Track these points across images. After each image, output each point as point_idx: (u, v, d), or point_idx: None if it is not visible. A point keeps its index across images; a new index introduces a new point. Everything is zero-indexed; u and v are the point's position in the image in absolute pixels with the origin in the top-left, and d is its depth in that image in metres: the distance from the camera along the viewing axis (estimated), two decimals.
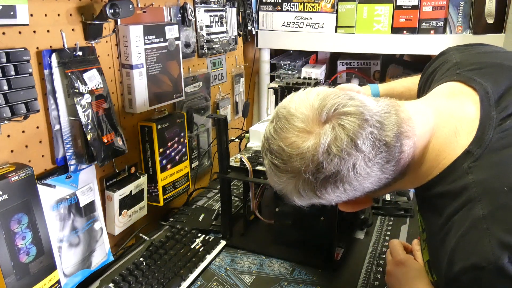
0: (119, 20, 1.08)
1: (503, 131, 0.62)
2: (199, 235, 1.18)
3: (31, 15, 0.86)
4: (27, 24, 0.83)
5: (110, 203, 1.10)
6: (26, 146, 0.88)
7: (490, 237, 0.55)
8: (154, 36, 1.15)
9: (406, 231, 1.24)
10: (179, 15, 1.33)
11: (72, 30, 0.96)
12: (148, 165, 1.24)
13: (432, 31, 1.65)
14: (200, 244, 1.14)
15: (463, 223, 0.58)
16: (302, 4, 1.80)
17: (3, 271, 0.78)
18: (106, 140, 1.01)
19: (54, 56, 0.90)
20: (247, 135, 1.27)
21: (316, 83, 1.20)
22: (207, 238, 1.17)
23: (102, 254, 1.07)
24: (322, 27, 1.79)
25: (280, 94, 1.20)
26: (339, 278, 1.04)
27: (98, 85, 0.99)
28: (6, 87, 0.78)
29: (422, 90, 0.89)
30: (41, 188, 0.87)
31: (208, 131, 1.55)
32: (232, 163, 1.13)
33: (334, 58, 2.04)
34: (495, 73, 0.71)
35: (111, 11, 0.95)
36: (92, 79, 0.97)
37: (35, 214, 0.84)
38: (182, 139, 1.32)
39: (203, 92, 1.50)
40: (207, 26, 1.50)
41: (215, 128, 1.11)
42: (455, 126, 0.65)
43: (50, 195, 0.92)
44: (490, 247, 0.54)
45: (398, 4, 1.68)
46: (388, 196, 1.42)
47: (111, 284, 0.98)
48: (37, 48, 0.88)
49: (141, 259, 1.06)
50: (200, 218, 1.32)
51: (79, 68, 0.95)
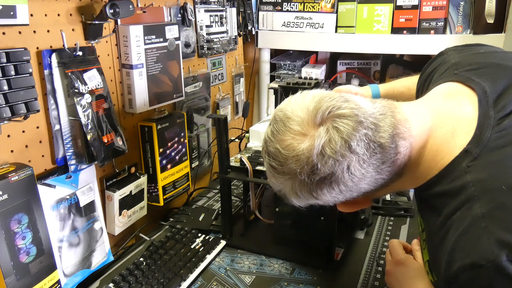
0: (119, 20, 1.08)
1: (501, 130, 0.63)
2: (199, 235, 1.18)
3: (31, 15, 0.86)
4: (27, 24, 0.83)
5: (110, 203, 1.10)
6: (26, 146, 0.88)
7: (489, 235, 0.55)
8: (154, 36, 1.15)
9: (406, 231, 1.24)
10: (179, 15, 1.33)
11: (72, 30, 0.96)
12: (148, 165, 1.24)
13: (432, 31, 1.65)
14: (200, 244, 1.14)
15: (462, 222, 0.59)
16: (302, 4, 1.80)
17: (3, 271, 0.78)
18: (106, 140, 1.01)
19: (54, 56, 0.90)
20: (247, 135, 1.27)
21: (317, 83, 1.20)
22: (207, 238, 1.17)
23: (102, 254, 1.07)
24: (322, 27, 1.79)
25: (280, 94, 1.20)
26: (339, 278, 1.04)
27: (98, 85, 0.99)
28: (6, 87, 0.78)
29: (421, 91, 0.89)
30: (41, 188, 0.87)
31: (208, 131, 1.55)
32: (232, 163, 1.13)
33: (334, 58, 2.04)
34: (493, 73, 0.71)
35: (111, 11, 0.95)
36: (92, 79, 0.97)
37: (35, 214, 0.84)
38: (182, 139, 1.32)
39: (203, 92, 1.50)
40: (207, 26, 1.50)
41: (215, 128, 1.11)
42: (453, 126, 0.66)
43: (50, 195, 0.92)
44: (489, 246, 0.54)
45: (398, 4, 1.68)
46: (388, 196, 1.42)
47: (111, 284, 0.98)
48: (37, 48, 0.88)
49: (141, 259, 1.06)
50: (200, 218, 1.32)
51: (79, 68, 0.95)
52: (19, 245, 0.81)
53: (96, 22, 0.99)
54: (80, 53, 0.96)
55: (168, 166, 1.28)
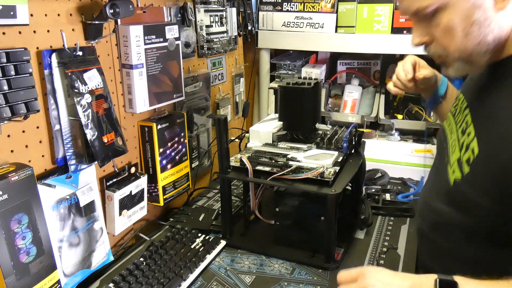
0: (119, 20, 1.08)
1: None
2: (199, 235, 1.18)
3: (31, 15, 0.86)
4: (27, 24, 0.83)
5: (110, 203, 1.10)
6: (26, 146, 0.88)
7: None
8: (154, 36, 1.15)
9: (406, 231, 1.24)
10: (179, 15, 1.33)
11: (72, 30, 0.96)
12: (148, 165, 1.24)
13: None
14: (200, 244, 1.14)
15: None
16: (302, 4, 1.80)
17: (3, 271, 0.78)
18: (106, 140, 1.01)
19: (54, 56, 0.90)
20: (247, 135, 1.27)
21: (317, 83, 1.20)
22: (207, 238, 1.17)
23: (102, 254, 1.07)
24: (322, 27, 1.79)
25: (280, 94, 1.20)
26: None
27: (98, 85, 0.99)
28: (6, 87, 0.78)
29: None
30: (41, 188, 0.87)
31: (208, 131, 1.55)
32: (232, 163, 1.13)
33: (334, 58, 2.04)
34: None
35: (111, 11, 0.95)
36: (92, 79, 0.97)
37: (35, 214, 0.84)
38: (182, 139, 1.32)
39: (203, 92, 1.50)
40: (207, 26, 1.50)
41: (215, 128, 1.11)
42: None
43: (50, 195, 0.92)
44: None
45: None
46: (388, 196, 1.42)
47: (111, 284, 0.98)
48: (37, 48, 0.88)
49: (141, 259, 1.06)
50: (200, 218, 1.32)
51: (79, 68, 0.95)
52: (19, 245, 0.81)
53: (96, 22, 0.99)
54: (80, 53, 0.96)
55: (168, 166, 1.28)
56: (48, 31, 0.90)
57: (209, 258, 1.10)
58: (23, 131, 0.87)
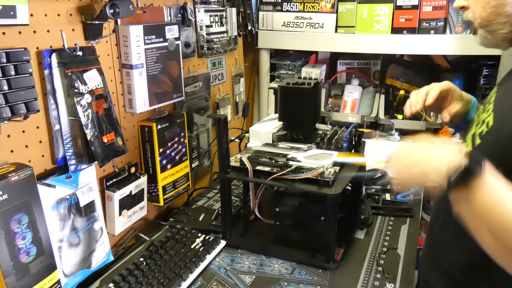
0: (119, 20, 1.08)
1: None
2: (199, 235, 1.18)
3: (31, 15, 0.86)
4: (27, 24, 0.83)
5: (110, 203, 1.10)
6: (26, 146, 0.88)
7: None
8: (154, 36, 1.15)
9: (406, 231, 1.24)
10: (179, 15, 1.33)
11: (72, 30, 0.96)
12: (148, 165, 1.24)
13: (432, 31, 1.65)
14: (200, 244, 1.14)
15: None
16: (302, 4, 1.80)
17: (3, 271, 0.78)
18: (106, 140, 1.01)
19: (54, 56, 0.90)
20: (247, 135, 1.27)
21: (317, 83, 1.20)
22: (207, 238, 1.17)
23: (102, 254, 1.07)
24: (322, 27, 1.79)
25: (280, 94, 1.20)
26: (339, 278, 1.04)
27: (98, 85, 0.99)
28: (6, 87, 0.78)
29: None
30: (41, 188, 0.87)
31: (208, 131, 1.55)
32: (232, 163, 1.13)
33: (334, 58, 2.04)
34: None
35: (111, 11, 0.95)
36: (92, 79, 0.97)
37: (35, 214, 0.84)
38: (182, 139, 1.32)
39: (203, 92, 1.50)
40: (207, 26, 1.50)
41: (215, 128, 1.11)
42: None
43: (50, 195, 0.92)
44: None
45: (398, 4, 1.68)
46: (388, 196, 1.42)
47: (111, 284, 0.98)
48: (37, 48, 0.88)
49: (141, 259, 1.06)
50: (200, 218, 1.32)
51: (79, 68, 0.95)
52: (19, 245, 0.81)
53: (96, 22, 0.99)
54: (80, 53, 0.96)
55: (168, 166, 1.28)
56: (48, 31, 0.90)
57: (209, 258, 1.10)
58: (23, 131, 0.87)
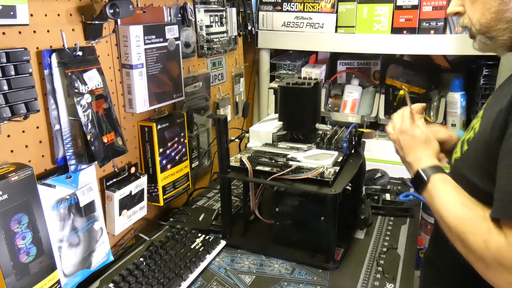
0: (119, 20, 1.08)
1: None
2: (199, 235, 1.18)
3: (31, 15, 0.86)
4: (27, 24, 0.83)
5: (110, 203, 1.10)
6: (26, 146, 0.88)
7: None
8: (154, 36, 1.15)
9: (406, 231, 1.24)
10: (179, 15, 1.33)
11: (72, 30, 0.96)
12: (148, 165, 1.24)
13: (432, 31, 1.65)
14: (200, 244, 1.14)
15: None
16: (302, 4, 1.80)
17: (3, 271, 0.78)
18: (106, 140, 1.01)
19: (54, 56, 0.90)
20: (247, 135, 1.27)
21: (317, 83, 1.20)
22: (207, 238, 1.17)
23: (102, 254, 1.07)
24: (322, 27, 1.79)
25: (280, 94, 1.20)
26: (339, 278, 1.04)
27: (98, 85, 0.99)
28: (6, 87, 0.78)
29: None
30: (41, 188, 0.87)
31: (208, 131, 1.55)
32: (232, 163, 1.13)
33: (334, 58, 2.04)
34: None
35: (111, 11, 0.95)
36: (92, 79, 0.97)
37: (35, 214, 0.84)
38: (182, 139, 1.32)
39: (203, 92, 1.50)
40: (207, 26, 1.50)
41: (215, 128, 1.11)
42: None
43: (50, 195, 0.92)
44: None
45: (398, 4, 1.68)
46: (388, 196, 1.42)
47: (111, 284, 0.98)
48: (37, 48, 0.88)
49: (141, 259, 1.06)
50: (200, 218, 1.32)
51: (79, 68, 0.95)
52: (19, 245, 0.81)
53: (96, 22, 0.99)
54: (80, 53, 0.96)
55: (168, 166, 1.28)
56: (48, 31, 0.90)
57: (209, 258, 1.10)
58: (23, 131, 0.87)
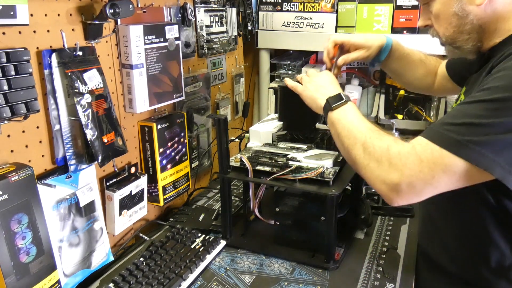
0: (119, 20, 1.08)
1: None
2: (199, 235, 1.18)
3: (31, 15, 0.86)
4: (27, 24, 0.83)
5: (110, 203, 1.10)
6: (26, 146, 0.88)
7: None
8: (154, 36, 1.15)
9: (406, 231, 1.24)
10: (179, 15, 1.33)
11: (72, 30, 0.96)
12: (148, 165, 1.24)
13: None
14: (200, 244, 1.14)
15: None
16: (302, 4, 1.80)
17: (3, 271, 0.78)
18: (106, 140, 1.01)
19: (54, 56, 0.90)
20: (247, 135, 1.27)
21: None
22: (207, 238, 1.17)
23: (102, 254, 1.07)
24: (322, 27, 1.79)
25: (280, 94, 1.20)
26: (339, 278, 1.04)
27: (98, 85, 0.99)
28: (6, 87, 0.78)
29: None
30: (41, 188, 0.87)
31: (208, 131, 1.55)
32: (232, 163, 1.13)
33: None
34: None
35: (111, 11, 0.95)
36: (92, 79, 0.97)
37: (35, 214, 0.84)
38: (182, 139, 1.32)
39: (203, 92, 1.50)
40: (207, 26, 1.50)
41: (215, 128, 1.11)
42: None
43: (50, 195, 0.92)
44: None
45: (398, 4, 1.68)
46: None
47: (111, 284, 0.98)
48: (37, 48, 0.88)
49: (141, 259, 1.06)
50: (200, 218, 1.32)
51: (79, 68, 0.95)
52: (19, 245, 0.81)
53: (96, 22, 0.99)
54: (80, 53, 0.96)
55: (168, 166, 1.28)
56: (48, 31, 0.90)
57: (209, 258, 1.10)
58: (23, 131, 0.87)
